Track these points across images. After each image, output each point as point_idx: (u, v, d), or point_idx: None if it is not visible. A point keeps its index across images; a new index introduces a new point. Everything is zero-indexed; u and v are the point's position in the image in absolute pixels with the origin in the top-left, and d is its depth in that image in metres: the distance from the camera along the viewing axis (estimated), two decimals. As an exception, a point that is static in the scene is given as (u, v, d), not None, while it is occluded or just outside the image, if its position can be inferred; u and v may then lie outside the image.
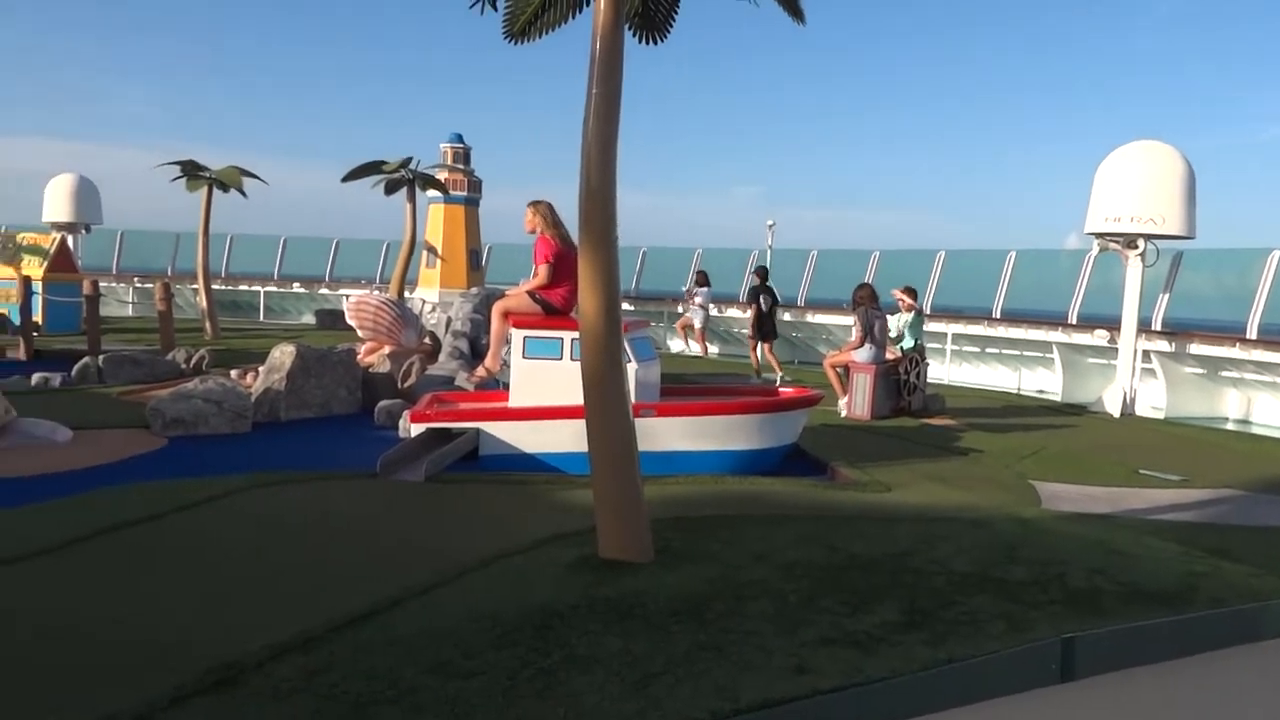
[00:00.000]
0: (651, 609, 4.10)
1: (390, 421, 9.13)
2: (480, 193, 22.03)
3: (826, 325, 20.76)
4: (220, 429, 8.36)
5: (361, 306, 12.13)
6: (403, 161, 19.72)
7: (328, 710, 3.09)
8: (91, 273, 20.97)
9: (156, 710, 3.02)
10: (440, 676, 3.35)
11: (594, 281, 4.59)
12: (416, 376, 10.86)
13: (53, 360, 13.25)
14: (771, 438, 7.69)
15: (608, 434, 4.69)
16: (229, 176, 19.54)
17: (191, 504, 5.60)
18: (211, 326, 18.93)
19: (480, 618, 3.89)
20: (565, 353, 7.40)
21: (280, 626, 3.72)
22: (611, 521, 4.72)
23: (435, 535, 5.30)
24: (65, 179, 24.04)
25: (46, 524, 5.09)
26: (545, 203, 7.83)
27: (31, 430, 7.45)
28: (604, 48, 4.56)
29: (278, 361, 9.49)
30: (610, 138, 4.59)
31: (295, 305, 27.34)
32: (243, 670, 3.33)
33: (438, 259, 20.77)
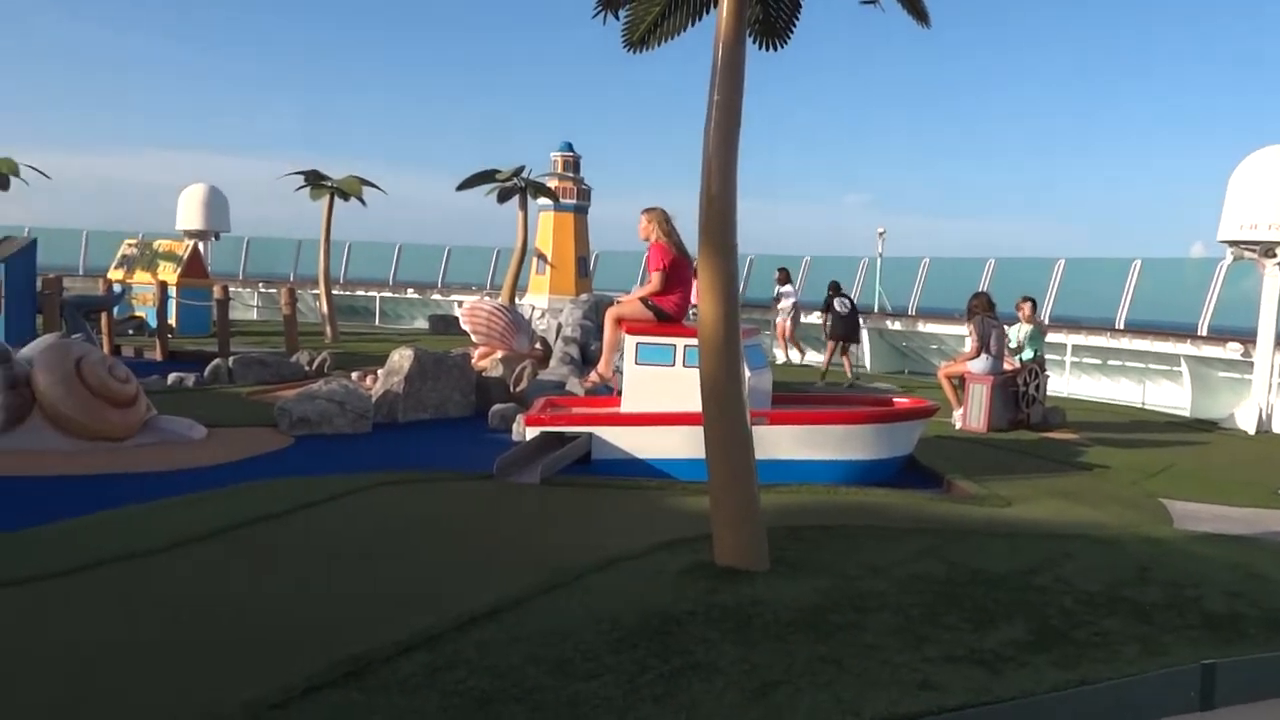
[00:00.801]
0: (769, 618, 4.07)
1: (504, 424, 9.30)
2: (589, 200, 22.28)
3: (938, 335, 20.29)
4: (343, 429, 8.64)
5: (475, 312, 12.40)
6: (515, 170, 20.09)
7: (454, 706, 3.15)
8: (220, 278, 21.95)
9: (292, 698, 3.13)
10: (561, 677, 3.39)
11: (714, 289, 4.59)
12: (528, 381, 11.04)
13: (186, 361, 13.91)
14: (886, 448, 7.56)
15: (726, 441, 4.68)
16: (349, 185, 20.22)
17: (320, 500, 5.80)
18: (331, 330, 19.59)
19: (599, 620, 3.92)
20: (678, 359, 7.42)
21: (405, 622, 3.82)
22: (728, 529, 4.70)
23: (552, 537, 5.37)
24: (197, 189, 25.23)
25: (188, 517, 5.34)
26: (659, 210, 7.87)
27: (170, 427, 7.84)
28: (726, 56, 4.56)
29: (397, 365, 9.77)
30: (732, 147, 4.58)
31: (408, 310, 28.08)
32: (370, 664, 3.43)
33: (547, 266, 21.07)
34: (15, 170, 20.65)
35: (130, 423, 7.48)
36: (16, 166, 20.70)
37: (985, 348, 10.93)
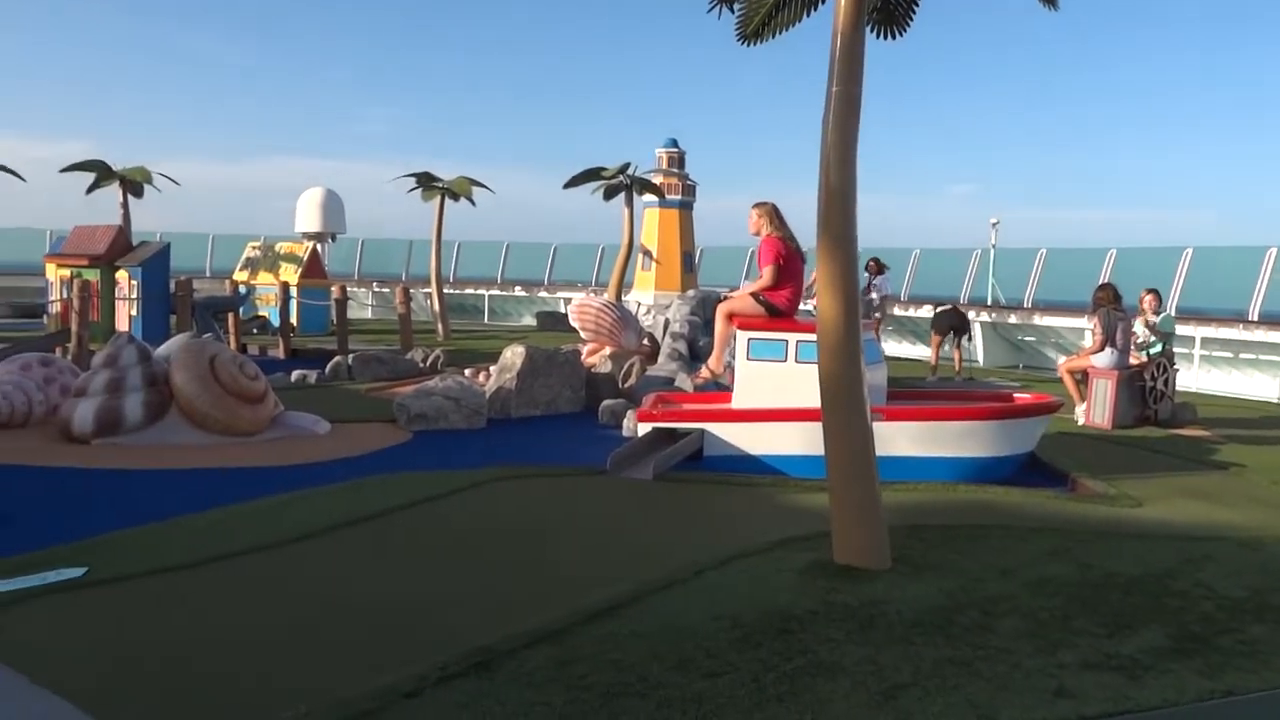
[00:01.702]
0: (893, 619, 3.99)
1: (614, 420, 9.36)
2: (694, 196, 22.27)
3: (1055, 328, 19.61)
4: (458, 424, 8.83)
5: (584, 309, 12.50)
6: (621, 167, 20.21)
7: (579, 700, 3.18)
8: (337, 278, 22.68)
9: (425, 686, 3.21)
10: (685, 674, 3.39)
11: (833, 283, 4.52)
12: (637, 377, 11.08)
13: (307, 358, 14.42)
14: (1007, 445, 7.34)
15: (846, 437, 4.61)
16: (460, 186, 20.66)
17: (440, 494, 5.94)
18: (443, 328, 20.05)
19: (720, 618, 3.91)
20: (790, 354, 7.34)
21: (529, 616, 3.87)
22: (848, 526, 4.63)
23: (668, 533, 5.38)
24: (315, 192, 26.15)
25: (316, 509, 5.53)
26: (769, 204, 7.78)
27: (297, 422, 8.13)
28: (844, 46, 4.49)
29: (509, 362, 9.92)
30: (850, 138, 4.51)
31: (516, 308, 28.53)
32: (497, 655, 3.49)
33: (653, 262, 21.14)
34: (149, 178, 21.75)
35: (260, 418, 7.79)
36: (150, 175, 21.80)
37: (1110, 341, 10.52)
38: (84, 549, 4.71)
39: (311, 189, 26.19)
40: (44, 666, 3.33)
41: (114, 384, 7.48)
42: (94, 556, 4.57)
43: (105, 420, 7.33)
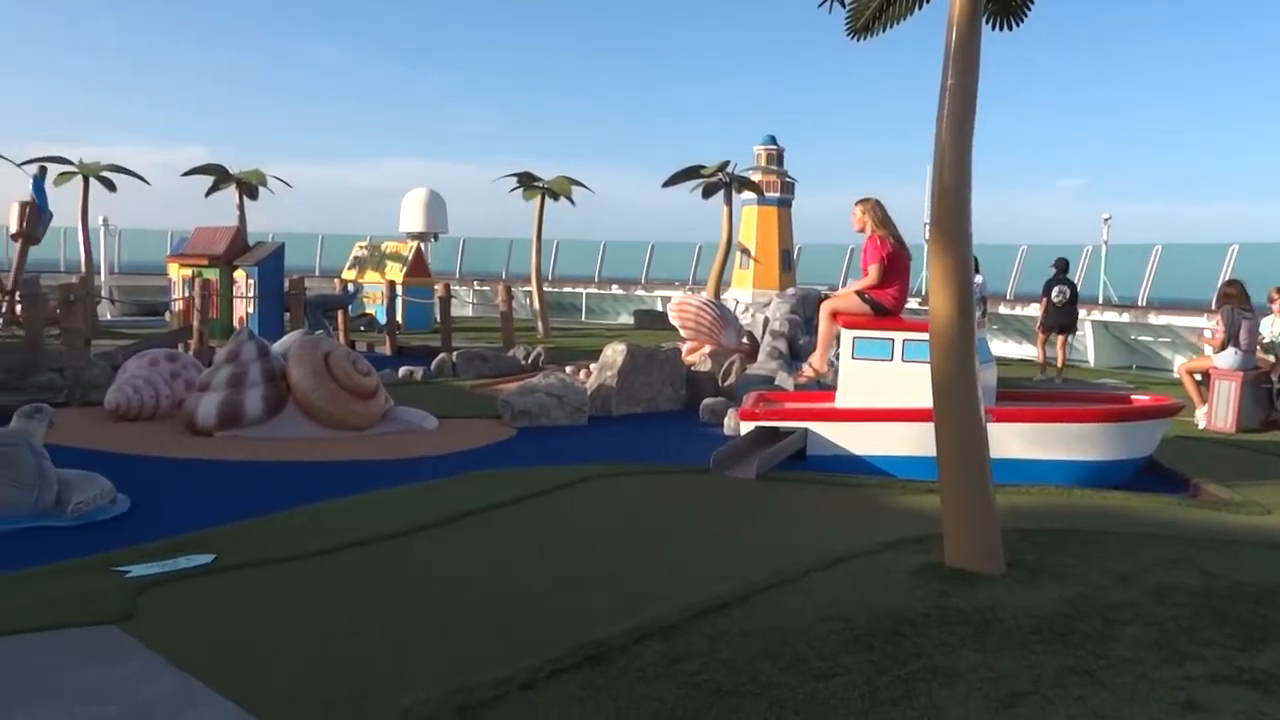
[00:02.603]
0: (1010, 624, 3.89)
1: (714, 419, 9.35)
2: (793, 194, 22.09)
3: (1172, 327, 18.83)
4: (561, 421, 8.94)
5: (684, 307, 12.52)
6: (720, 165, 20.15)
7: (691, 697, 3.19)
8: (440, 276, 23.17)
9: (539, 679, 3.26)
10: (797, 674, 3.37)
11: (946, 280, 4.43)
12: (737, 376, 11.04)
13: (412, 355, 14.77)
14: (1125, 449, 7.08)
15: (959, 438, 4.52)
16: (560, 186, 20.89)
17: (546, 490, 6.03)
18: (543, 325, 20.31)
19: (830, 619, 3.87)
20: (896, 353, 7.23)
21: (638, 611, 3.90)
22: (961, 529, 4.54)
23: (773, 533, 5.35)
24: (418, 193, 26.77)
25: (426, 503, 5.67)
26: (874, 200, 7.65)
27: (406, 417, 8.35)
28: (960, 38, 4.39)
29: (610, 359, 10.00)
30: (966, 133, 4.41)
31: (613, 306, 28.72)
32: (609, 650, 3.52)
33: (751, 260, 21.04)
34: (263, 181, 22.59)
35: (372, 413, 8.02)
36: (264, 178, 22.63)
37: (1234, 340, 10.06)
38: (212, 537, 4.92)
39: (415, 190, 26.81)
40: (179, 649, 3.49)
41: (235, 379, 7.79)
42: (222, 544, 4.78)
43: (227, 414, 7.65)
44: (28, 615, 3.75)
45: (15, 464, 5.22)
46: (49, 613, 3.78)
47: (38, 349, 9.42)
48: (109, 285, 23.93)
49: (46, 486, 5.26)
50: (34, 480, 5.24)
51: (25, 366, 9.26)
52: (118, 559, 4.52)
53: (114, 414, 8.22)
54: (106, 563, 4.48)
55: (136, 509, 5.57)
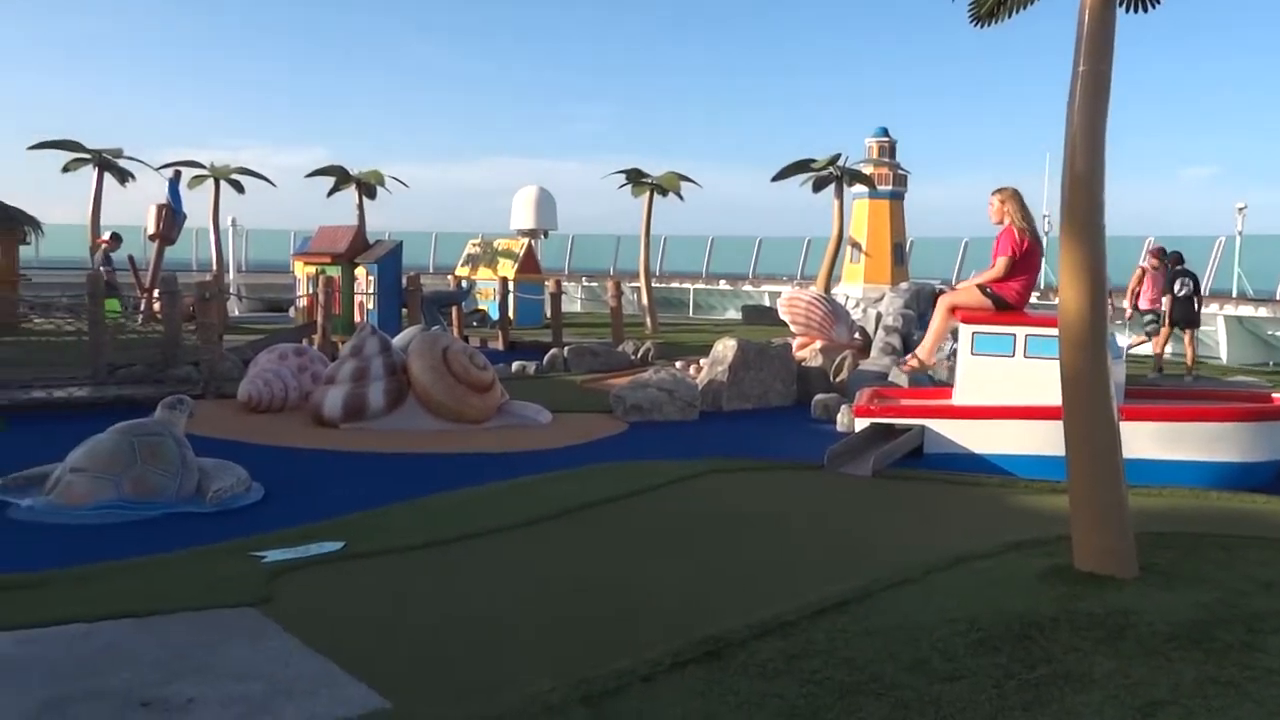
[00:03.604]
0: (1144, 631, 3.74)
1: (827, 415, 9.25)
2: (905, 186, 21.65)
3: (1316, 322, 17.76)
4: (672, 416, 8.97)
5: (794, 303, 12.40)
6: (831, 159, 19.89)
7: (812, 695, 3.16)
8: (550, 273, 23.49)
9: (658, 672, 3.28)
10: (921, 675, 3.31)
11: (1078, 273, 4.28)
12: (848, 372, 10.90)
13: (523, 350, 15.03)
14: (1265, 450, 6.73)
15: (1090, 438, 4.36)
16: (668, 181, 20.95)
17: (660, 484, 6.06)
18: (651, 321, 20.39)
19: (955, 620, 3.79)
20: (1018, 349, 7.02)
21: (756, 607, 3.88)
22: (1091, 531, 4.38)
23: (891, 531, 5.27)
24: (529, 190, 27.16)
25: (543, 496, 5.77)
26: (1012, 189, 7.33)
27: (521, 411, 8.50)
28: (1094, 22, 4.23)
29: (721, 355, 9.99)
30: (1099, 120, 4.25)
31: (720, 301, 28.64)
32: (728, 645, 3.52)
33: (862, 254, 20.71)
34: (381, 181, 23.30)
35: (489, 407, 8.20)
36: (382, 178, 23.33)
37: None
38: (340, 525, 5.11)
39: (526, 187, 27.21)
40: (313, 631, 3.63)
41: (359, 373, 8.07)
42: (349, 532, 4.95)
43: (351, 406, 7.92)
44: (177, 595, 3.96)
45: (160, 453, 5.52)
46: (195, 594, 3.98)
47: (175, 344, 9.93)
48: (237, 283, 25.01)
49: (188, 474, 5.55)
50: (177, 468, 5.52)
51: (164, 360, 9.77)
52: (254, 544, 4.73)
53: (246, 406, 8.60)
54: (244, 548, 4.69)
55: (269, 497, 5.82)
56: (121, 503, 5.33)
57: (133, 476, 5.38)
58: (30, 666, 3.24)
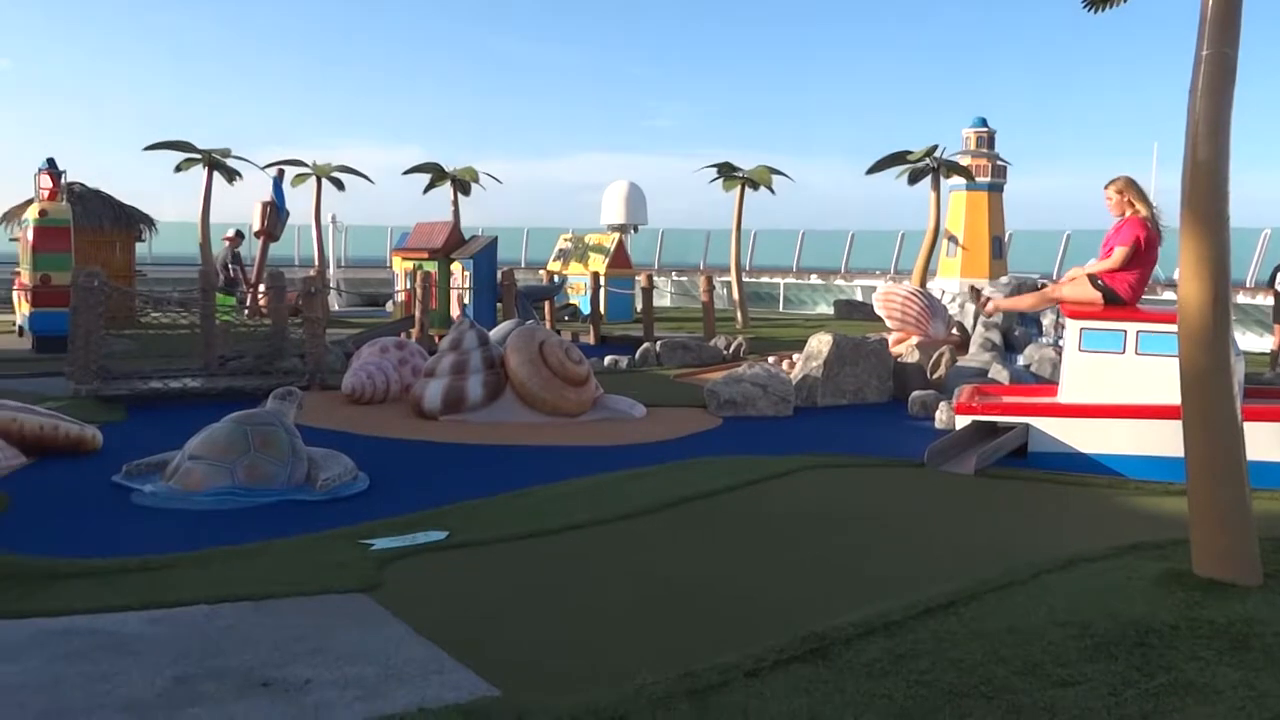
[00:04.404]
0: (1271, 641, 3.58)
1: (924, 412, 9.08)
2: (1004, 178, 21.12)
3: None
4: (766, 411, 8.91)
5: (889, 297, 12.22)
6: (927, 150, 19.51)
7: (920, 697, 3.11)
8: (640, 268, 23.56)
9: (764, 668, 3.27)
10: (1033, 680, 3.22)
11: (1200, 267, 4.11)
12: (946, 368, 10.68)
13: (615, 345, 15.11)
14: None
15: (1211, 436, 4.19)
16: (760, 175, 20.81)
17: (756, 480, 6.04)
18: (742, 316, 20.30)
19: (1067, 624, 3.68)
20: (1129, 346, 6.77)
21: (859, 605, 3.84)
22: (1212, 535, 4.20)
23: (995, 531, 5.16)
24: (619, 186, 27.30)
25: (641, 489, 5.80)
26: (1128, 178, 7.02)
27: (616, 405, 8.56)
28: (1219, 4, 4.06)
29: (815, 350, 9.89)
30: (1224, 106, 4.07)
31: (811, 296, 28.36)
32: (832, 643, 3.48)
33: (958, 248, 20.28)
34: (475, 178, 23.67)
35: (584, 400, 8.27)
36: (477, 175, 23.71)
37: None
38: (443, 514, 5.22)
39: (616, 182, 27.36)
40: (421, 618, 3.72)
41: (458, 366, 8.22)
42: (452, 522, 5.06)
43: (451, 399, 8.08)
44: (291, 580, 4.09)
45: (272, 442, 5.71)
46: (308, 579, 4.11)
47: (282, 337, 10.25)
48: (336, 278, 25.72)
49: (298, 463, 5.73)
50: (288, 457, 5.71)
51: (272, 353, 10.10)
52: (362, 532, 4.87)
53: (349, 397, 8.84)
54: (353, 535, 4.83)
55: (374, 486, 5.97)
56: (236, 489, 5.53)
57: (247, 464, 5.58)
58: (160, 644, 3.39)
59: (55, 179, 14.05)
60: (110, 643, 3.42)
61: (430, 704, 2.97)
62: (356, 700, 3.01)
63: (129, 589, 3.98)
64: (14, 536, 4.72)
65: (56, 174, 14.09)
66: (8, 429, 6.33)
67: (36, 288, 13.11)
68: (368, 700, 3.01)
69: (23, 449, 6.33)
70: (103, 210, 17.30)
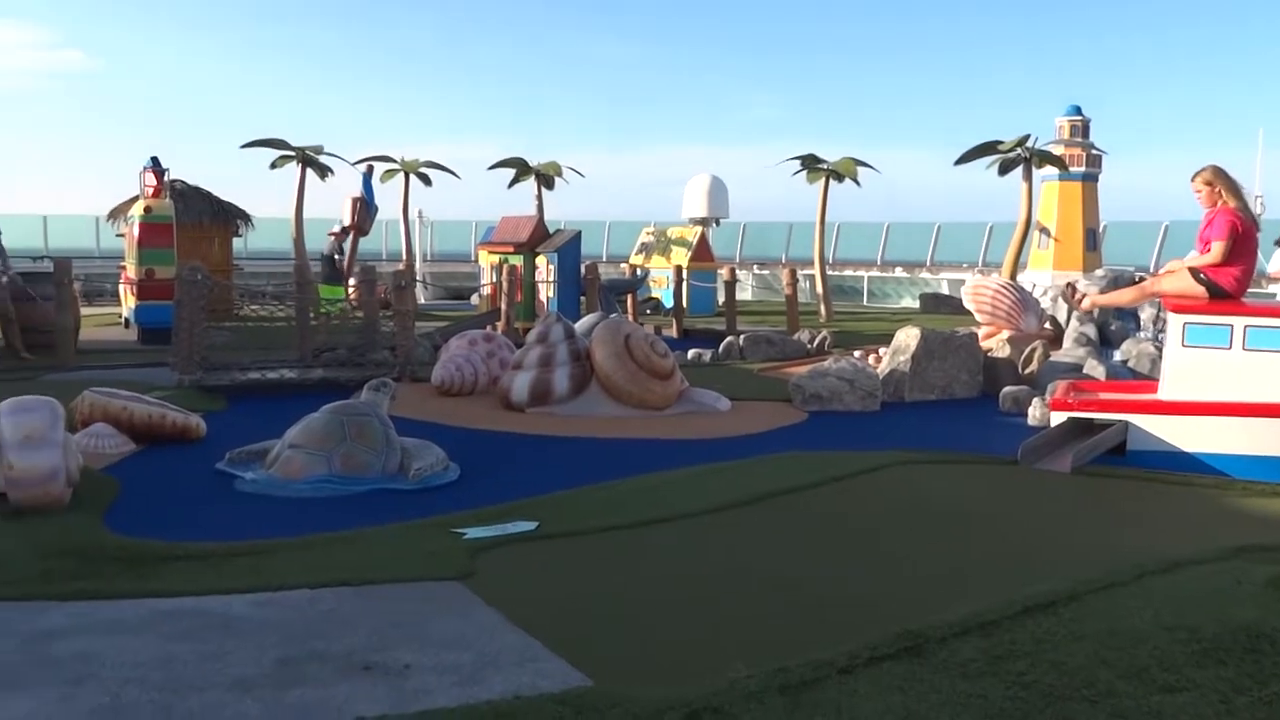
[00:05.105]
0: (1396, 651, 3.42)
1: (1016, 408, 8.88)
2: (1100, 167, 20.46)
3: None
4: (852, 406, 8.81)
5: (980, 291, 11.96)
6: (1019, 140, 19.01)
7: (1019, 699, 3.05)
8: (721, 261, 23.48)
9: (857, 665, 3.24)
10: (1139, 684, 3.13)
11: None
12: (1039, 363, 10.41)
13: (697, 338, 15.09)
14: None
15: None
16: (844, 167, 20.55)
17: (845, 475, 5.98)
18: (825, 309, 20.09)
19: (1173, 628, 3.57)
20: (1235, 341, 6.52)
21: (953, 604, 3.77)
22: (1329, 540, 4.03)
23: (1094, 531, 5.03)
24: (701, 179, 27.23)
25: (728, 483, 5.79)
26: (1216, 167, 6.78)
27: (700, 399, 8.55)
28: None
29: (903, 344, 9.74)
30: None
31: (896, 289, 27.90)
32: (926, 641, 3.44)
33: (1050, 240, 19.74)
34: (559, 172, 23.86)
35: (669, 393, 8.29)
36: (560, 169, 23.89)
37: None
38: (532, 505, 5.28)
39: (698, 175, 27.29)
40: (513, 607, 3.77)
41: (545, 359, 8.31)
42: (541, 513, 5.11)
43: (538, 391, 8.17)
44: (388, 567, 4.20)
45: (367, 432, 5.85)
46: (405, 566, 4.21)
47: (374, 329, 10.49)
48: (422, 271, 26.19)
49: (392, 453, 5.86)
50: (382, 447, 5.84)
51: (363, 345, 10.35)
52: (454, 521, 4.96)
53: (438, 389, 9.00)
54: (445, 524, 4.92)
55: (464, 477, 6.07)
56: (332, 478, 5.68)
57: (343, 453, 5.73)
58: (266, 627, 3.51)
59: (159, 177, 14.55)
60: (218, 623, 3.56)
61: (525, 692, 3.02)
62: (454, 686, 3.07)
63: (235, 572, 4.13)
64: (126, 520, 4.93)
65: (160, 172, 14.60)
66: (119, 417, 6.62)
67: (141, 281, 13.62)
68: (464, 686, 3.07)
69: (132, 436, 6.61)
70: (202, 206, 17.88)
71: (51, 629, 3.47)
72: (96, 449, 6.27)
